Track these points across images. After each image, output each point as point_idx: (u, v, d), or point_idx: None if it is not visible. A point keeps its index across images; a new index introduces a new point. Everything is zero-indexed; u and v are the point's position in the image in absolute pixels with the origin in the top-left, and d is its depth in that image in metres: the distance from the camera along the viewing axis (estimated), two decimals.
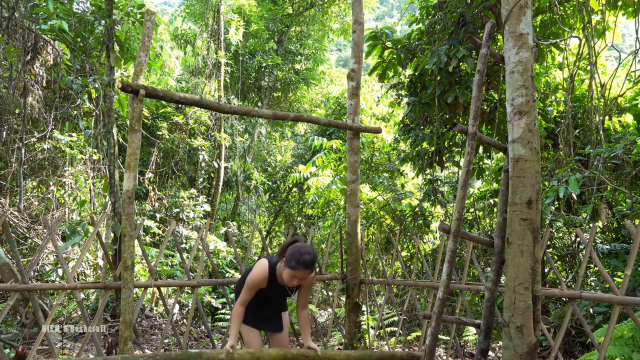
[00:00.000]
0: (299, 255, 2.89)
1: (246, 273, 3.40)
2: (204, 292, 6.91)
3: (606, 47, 5.01)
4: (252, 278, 3.06)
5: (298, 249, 2.93)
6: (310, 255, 2.91)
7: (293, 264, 2.88)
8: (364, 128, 4.96)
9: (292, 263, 2.89)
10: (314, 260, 2.93)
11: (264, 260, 3.14)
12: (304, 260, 2.87)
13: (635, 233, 2.95)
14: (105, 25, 5.69)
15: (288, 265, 2.90)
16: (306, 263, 2.87)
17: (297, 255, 2.89)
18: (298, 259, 2.87)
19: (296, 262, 2.88)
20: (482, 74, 2.55)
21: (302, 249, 2.93)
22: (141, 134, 3.56)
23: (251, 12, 13.52)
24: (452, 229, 2.49)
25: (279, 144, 14.08)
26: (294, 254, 2.91)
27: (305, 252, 2.90)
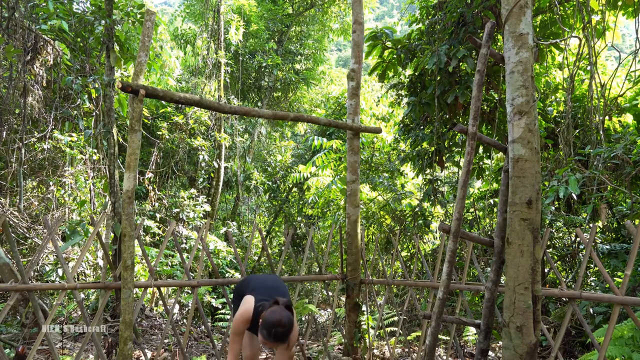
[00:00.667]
0: (271, 325, 2.79)
1: (242, 284, 3.45)
2: (204, 292, 6.91)
3: (606, 47, 5.01)
4: (236, 321, 3.07)
5: (272, 317, 2.82)
6: (283, 328, 2.80)
7: (264, 333, 2.81)
8: (364, 128, 4.97)
9: (263, 332, 2.82)
10: (286, 334, 2.82)
11: (250, 301, 3.07)
12: (275, 333, 2.79)
13: (635, 233, 2.95)
14: (105, 25, 5.69)
15: (260, 332, 2.84)
16: (277, 336, 2.80)
17: (270, 325, 2.79)
18: (269, 330, 2.79)
19: (267, 332, 2.80)
20: (482, 74, 2.55)
21: (276, 318, 2.81)
22: (141, 134, 3.57)
23: (251, 12, 13.51)
24: (452, 229, 2.49)
25: (279, 144, 14.08)
26: (268, 322, 2.81)
27: (278, 324, 2.79)
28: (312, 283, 8.62)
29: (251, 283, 3.36)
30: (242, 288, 3.40)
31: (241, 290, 3.39)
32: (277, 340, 2.81)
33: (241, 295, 3.33)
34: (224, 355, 4.46)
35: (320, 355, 4.97)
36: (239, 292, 3.41)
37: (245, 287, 3.35)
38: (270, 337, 2.80)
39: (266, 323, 2.81)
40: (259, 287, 3.27)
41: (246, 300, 3.11)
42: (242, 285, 3.47)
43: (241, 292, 3.36)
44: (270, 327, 2.79)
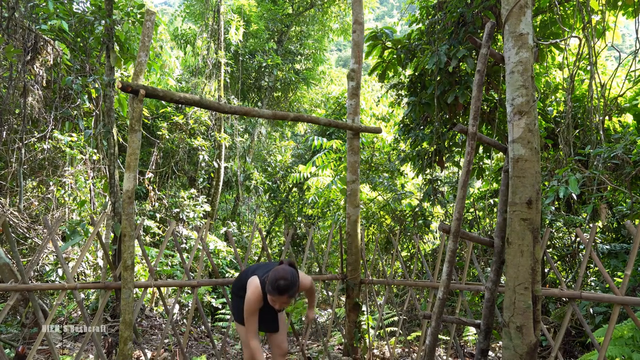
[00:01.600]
0: (274, 280, 2.93)
1: (241, 276, 3.41)
2: (204, 292, 6.91)
3: (606, 47, 5.01)
4: (249, 302, 3.09)
5: (275, 273, 2.97)
6: (286, 281, 2.93)
7: (269, 288, 2.95)
8: (364, 128, 4.97)
9: (268, 287, 2.95)
10: (290, 286, 2.94)
11: (255, 279, 3.15)
12: (278, 286, 2.92)
13: (635, 233, 2.95)
14: (105, 25, 5.69)
15: (269, 291, 2.96)
16: (280, 289, 2.92)
17: (273, 280, 2.94)
18: (273, 284, 2.93)
19: (271, 287, 2.94)
20: (482, 74, 2.55)
21: (279, 273, 2.96)
22: (141, 134, 3.57)
23: (251, 12, 13.52)
24: (452, 229, 2.49)
25: (279, 144, 14.08)
26: (271, 278, 2.96)
27: (281, 278, 2.93)
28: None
29: (248, 271, 3.39)
30: (242, 282, 3.39)
31: (241, 284, 3.38)
32: (281, 293, 2.93)
33: (242, 288, 3.33)
34: (224, 355, 4.46)
35: (320, 355, 4.97)
36: (240, 287, 3.40)
37: (245, 279, 3.34)
38: (275, 290, 2.92)
39: (271, 279, 2.95)
40: (259, 269, 3.32)
41: (251, 281, 3.15)
42: (240, 279, 3.46)
43: (242, 286, 3.35)
44: (274, 281, 2.93)
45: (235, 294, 3.45)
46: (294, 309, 4.47)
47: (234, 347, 5.58)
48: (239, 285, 3.38)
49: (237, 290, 3.42)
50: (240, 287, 3.34)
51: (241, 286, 3.33)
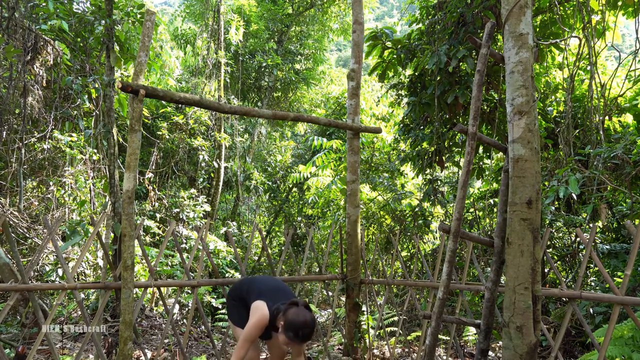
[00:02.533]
0: (298, 328, 2.78)
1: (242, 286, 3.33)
2: (204, 292, 6.91)
3: (606, 47, 5.01)
4: (251, 329, 2.95)
5: (299, 320, 2.81)
6: (309, 329, 2.81)
7: (291, 335, 2.80)
8: (364, 128, 4.97)
9: (289, 334, 2.80)
10: (312, 332, 2.84)
11: (264, 308, 3.00)
12: (303, 334, 2.80)
13: (635, 233, 2.95)
14: (105, 25, 5.69)
15: (285, 335, 2.82)
16: (305, 336, 2.81)
17: (297, 327, 2.78)
18: (297, 332, 2.78)
19: (294, 335, 2.79)
20: (482, 74, 2.55)
21: (302, 320, 2.81)
22: (141, 134, 3.56)
23: (251, 12, 13.52)
24: (452, 229, 2.49)
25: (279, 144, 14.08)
26: (295, 325, 2.79)
27: (305, 326, 2.79)
28: (312, 283, 8.62)
29: (253, 286, 3.26)
30: (242, 292, 3.33)
31: (240, 294, 3.32)
32: (304, 341, 2.82)
33: (241, 298, 3.26)
34: (224, 355, 4.46)
35: (320, 355, 4.97)
36: (238, 295, 3.35)
37: (246, 291, 3.27)
38: (298, 338, 2.79)
39: (293, 325, 2.79)
40: (265, 290, 3.18)
41: (258, 307, 3.01)
42: (240, 288, 3.39)
43: (240, 295, 3.29)
44: (297, 329, 2.78)
45: (232, 298, 3.41)
46: None
47: (234, 347, 5.58)
48: (238, 294, 3.32)
49: (234, 297, 3.38)
50: (239, 298, 3.28)
51: (240, 297, 3.26)
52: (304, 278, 4.94)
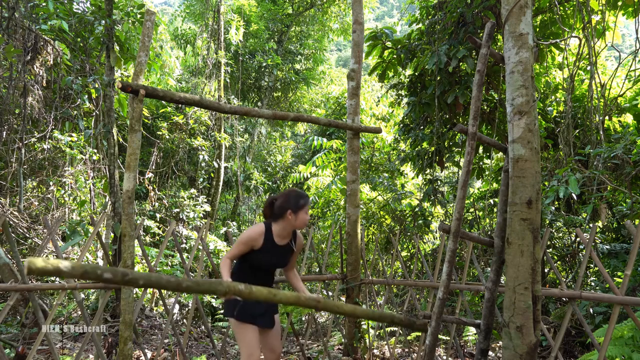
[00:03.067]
0: (295, 198, 2.94)
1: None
2: None
3: (606, 47, 5.02)
4: (246, 234, 2.95)
5: (290, 194, 2.97)
6: (301, 193, 3.01)
7: (302, 201, 2.94)
8: (364, 128, 4.96)
9: (300, 201, 2.93)
10: (305, 194, 3.03)
11: (260, 223, 3.08)
12: (303, 198, 2.96)
13: (635, 233, 2.95)
14: (105, 25, 5.69)
15: (298, 206, 2.92)
16: (305, 199, 2.97)
17: (293, 198, 2.94)
18: (297, 202, 2.92)
19: (298, 205, 2.92)
20: (482, 74, 2.55)
21: (290, 192, 3.00)
22: (141, 134, 3.56)
23: (251, 12, 13.52)
24: (452, 229, 2.49)
25: (279, 144, 14.09)
26: (292, 196, 2.95)
27: (296, 193, 2.99)
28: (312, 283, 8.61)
29: None
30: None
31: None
32: (307, 203, 2.96)
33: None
34: (224, 355, 4.46)
35: (320, 355, 4.97)
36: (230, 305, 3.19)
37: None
38: (302, 204, 2.93)
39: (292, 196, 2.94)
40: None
41: (255, 225, 3.09)
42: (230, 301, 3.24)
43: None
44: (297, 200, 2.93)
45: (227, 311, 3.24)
46: (294, 309, 4.47)
47: (234, 347, 5.58)
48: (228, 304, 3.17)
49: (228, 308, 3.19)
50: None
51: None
52: (304, 278, 4.94)
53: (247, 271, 3.03)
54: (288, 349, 5.54)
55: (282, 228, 2.99)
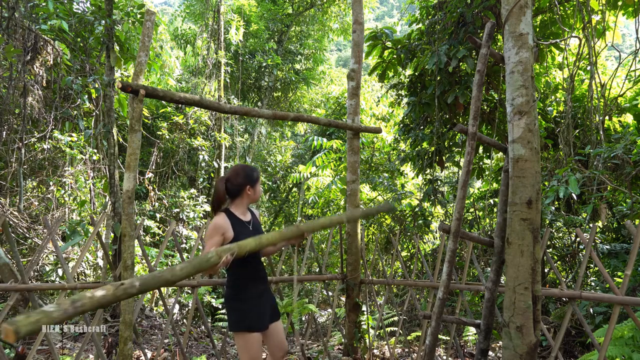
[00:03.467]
0: (247, 168, 2.93)
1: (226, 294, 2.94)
2: (204, 292, 6.91)
3: (606, 47, 5.01)
4: (213, 225, 2.79)
5: (239, 170, 2.91)
6: (248, 167, 2.98)
7: (255, 174, 2.92)
8: (364, 128, 4.96)
9: (254, 174, 2.92)
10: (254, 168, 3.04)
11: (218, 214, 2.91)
12: (254, 172, 2.95)
13: (635, 233, 2.95)
14: (105, 25, 5.69)
15: (253, 179, 2.90)
16: (257, 173, 2.97)
17: (247, 169, 2.92)
18: (251, 176, 2.90)
19: (254, 170, 2.93)
20: (482, 74, 2.55)
21: (241, 167, 2.94)
22: (141, 134, 3.56)
23: (251, 12, 13.52)
24: (452, 229, 2.49)
25: (279, 144, 14.09)
26: (247, 172, 2.90)
27: (245, 167, 2.95)
28: (312, 283, 8.62)
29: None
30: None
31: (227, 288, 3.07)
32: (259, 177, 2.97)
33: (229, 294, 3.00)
34: (224, 355, 4.46)
35: (320, 355, 4.97)
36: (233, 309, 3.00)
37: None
38: (255, 178, 2.92)
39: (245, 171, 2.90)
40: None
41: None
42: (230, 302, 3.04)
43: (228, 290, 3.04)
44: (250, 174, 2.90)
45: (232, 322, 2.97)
46: (293, 309, 4.47)
47: (234, 347, 5.58)
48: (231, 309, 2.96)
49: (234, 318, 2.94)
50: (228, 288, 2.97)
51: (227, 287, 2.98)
52: (304, 278, 4.95)
53: (240, 272, 2.87)
54: (288, 349, 5.53)
55: (241, 205, 2.93)
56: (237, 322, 2.82)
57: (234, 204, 2.92)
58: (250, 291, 2.89)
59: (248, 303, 2.86)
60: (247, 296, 2.87)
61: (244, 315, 2.81)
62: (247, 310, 2.83)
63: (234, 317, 2.85)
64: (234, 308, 2.86)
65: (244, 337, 2.80)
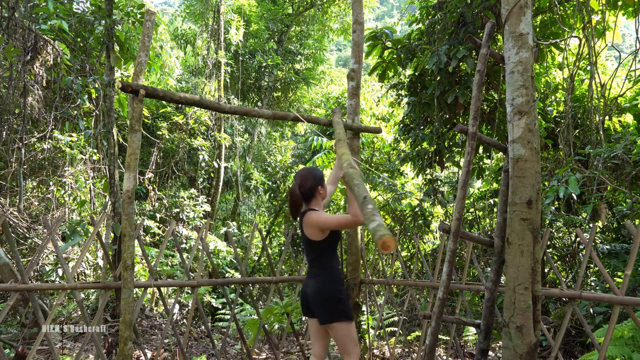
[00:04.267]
0: (312, 170, 3.02)
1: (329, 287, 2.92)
2: (204, 292, 6.91)
3: (606, 47, 5.01)
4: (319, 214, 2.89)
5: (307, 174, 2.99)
6: (312, 168, 3.09)
7: (319, 173, 3.02)
8: (364, 128, 4.96)
9: (319, 174, 3.01)
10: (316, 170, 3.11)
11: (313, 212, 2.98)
12: (313, 167, 3.10)
13: (635, 233, 2.95)
14: (105, 25, 5.69)
15: (322, 179, 3.01)
16: (321, 173, 3.08)
17: (312, 171, 3.01)
18: (315, 169, 3.02)
19: (317, 170, 3.02)
20: (482, 74, 2.55)
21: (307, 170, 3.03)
22: (141, 134, 3.56)
23: (251, 12, 13.52)
24: (452, 229, 2.49)
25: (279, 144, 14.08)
26: (313, 173, 2.99)
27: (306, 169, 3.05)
28: None
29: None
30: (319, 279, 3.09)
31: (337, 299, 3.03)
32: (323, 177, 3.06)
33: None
34: (224, 355, 4.46)
35: None
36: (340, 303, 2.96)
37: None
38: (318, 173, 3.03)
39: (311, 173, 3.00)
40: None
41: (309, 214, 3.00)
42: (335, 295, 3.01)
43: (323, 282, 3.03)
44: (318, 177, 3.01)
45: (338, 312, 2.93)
46: (293, 309, 4.47)
47: (234, 347, 5.58)
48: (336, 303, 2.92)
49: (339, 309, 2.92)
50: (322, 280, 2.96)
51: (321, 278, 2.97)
52: (304, 278, 4.94)
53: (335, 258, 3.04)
54: (288, 349, 5.54)
55: (318, 205, 3.02)
56: (346, 312, 2.90)
57: (311, 205, 3.01)
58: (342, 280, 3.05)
59: (345, 293, 3.01)
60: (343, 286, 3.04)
61: (346, 304, 2.93)
62: (346, 299, 2.96)
63: (341, 307, 2.90)
64: (340, 298, 2.92)
65: (348, 327, 2.91)
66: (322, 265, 2.98)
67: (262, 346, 5.67)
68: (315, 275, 2.99)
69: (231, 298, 4.59)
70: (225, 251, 8.36)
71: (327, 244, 2.95)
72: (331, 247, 2.99)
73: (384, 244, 1.72)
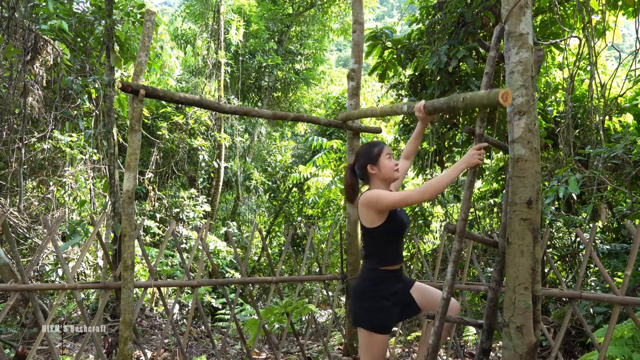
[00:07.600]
0: (364, 147, 2.67)
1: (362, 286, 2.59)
2: (204, 292, 6.91)
3: (606, 47, 5.01)
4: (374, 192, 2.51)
5: (358, 150, 2.70)
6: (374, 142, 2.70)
7: (375, 149, 2.61)
8: (364, 128, 4.97)
9: (374, 150, 2.61)
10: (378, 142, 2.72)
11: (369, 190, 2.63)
12: (372, 142, 2.70)
13: (635, 233, 2.95)
14: (105, 25, 5.69)
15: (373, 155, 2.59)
16: (374, 142, 2.71)
17: (363, 148, 2.66)
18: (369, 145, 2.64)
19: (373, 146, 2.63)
20: (490, 77, 2.54)
21: (359, 148, 2.73)
22: (141, 134, 3.56)
23: (251, 12, 13.52)
24: (458, 229, 2.49)
25: (279, 144, 14.08)
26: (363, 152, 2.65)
27: (361, 146, 2.77)
28: (312, 283, 8.62)
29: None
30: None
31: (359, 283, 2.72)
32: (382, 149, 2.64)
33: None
34: (224, 355, 4.46)
35: (320, 355, 4.97)
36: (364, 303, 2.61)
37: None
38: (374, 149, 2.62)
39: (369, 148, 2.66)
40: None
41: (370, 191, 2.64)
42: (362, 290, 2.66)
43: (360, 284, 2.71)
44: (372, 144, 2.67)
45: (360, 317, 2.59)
46: (293, 309, 4.47)
47: (234, 347, 5.58)
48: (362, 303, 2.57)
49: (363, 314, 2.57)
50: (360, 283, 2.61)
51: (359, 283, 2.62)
52: (304, 278, 4.95)
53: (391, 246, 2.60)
54: (288, 349, 5.54)
55: (378, 186, 2.60)
56: (371, 321, 2.52)
57: (372, 185, 2.64)
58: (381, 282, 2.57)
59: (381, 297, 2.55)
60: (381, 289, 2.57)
61: (375, 312, 2.52)
62: (379, 306, 2.52)
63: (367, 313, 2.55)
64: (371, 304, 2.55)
65: (370, 338, 2.52)
66: (366, 259, 2.64)
67: (262, 346, 5.67)
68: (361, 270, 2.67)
69: (231, 298, 4.59)
70: (225, 251, 8.36)
71: (378, 232, 2.52)
72: (383, 237, 2.55)
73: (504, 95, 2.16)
